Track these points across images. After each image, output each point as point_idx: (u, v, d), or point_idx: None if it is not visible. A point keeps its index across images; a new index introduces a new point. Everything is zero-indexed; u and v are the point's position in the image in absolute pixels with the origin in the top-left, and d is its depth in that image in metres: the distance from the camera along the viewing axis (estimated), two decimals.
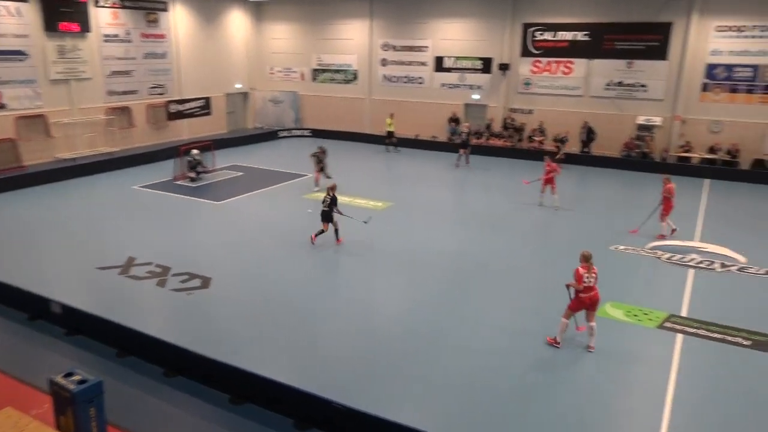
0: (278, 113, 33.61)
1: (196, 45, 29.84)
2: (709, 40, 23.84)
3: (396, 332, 10.09)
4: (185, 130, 29.34)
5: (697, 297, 11.66)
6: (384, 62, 31.20)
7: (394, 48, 30.76)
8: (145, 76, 27.41)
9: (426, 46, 29.86)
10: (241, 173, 22.59)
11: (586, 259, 9.42)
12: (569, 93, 26.93)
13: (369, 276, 12.65)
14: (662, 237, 15.17)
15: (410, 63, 30.53)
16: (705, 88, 24.32)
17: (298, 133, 32.26)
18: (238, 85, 32.95)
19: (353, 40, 31.65)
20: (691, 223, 16.70)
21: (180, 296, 11.33)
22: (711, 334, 10.09)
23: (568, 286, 9.53)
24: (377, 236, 15.09)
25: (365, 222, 14.80)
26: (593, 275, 9.33)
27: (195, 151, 21.37)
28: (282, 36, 33.50)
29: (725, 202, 19.48)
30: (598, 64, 26.05)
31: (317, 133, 31.87)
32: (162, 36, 27.94)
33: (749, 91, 23.62)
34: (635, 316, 10.76)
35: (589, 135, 25.91)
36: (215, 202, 18.35)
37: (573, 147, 25.85)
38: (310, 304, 11.11)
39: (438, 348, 9.53)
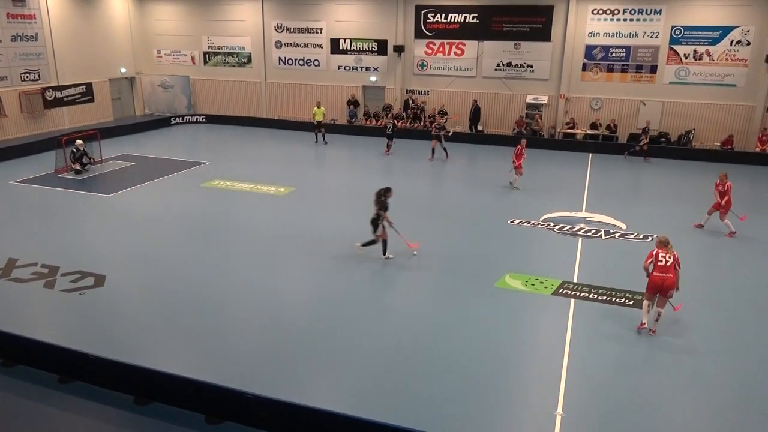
0: (169, 99, 32.04)
1: (71, 27, 27.63)
2: (586, 23, 25.44)
3: (302, 318, 10.04)
4: (66, 119, 27.28)
5: (586, 263, 12.54)
6: (279, 45, 30.55)
7: (289, 30, 30.18)
8: (15, 60, 25.07)
9: (321, 28, 29.55)
10: (131, 163, 21.36)
11: (663, 244, 9.54)
12: (462, 74, 27.77)
13: (271, 263, 12.45)
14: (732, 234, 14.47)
15: (305, 45, 30.11)
16: (585, 67, 25.99)
17: (192, 119, 30.96)
18: (122, 70, 31.01)
19: (245, 21, 30.68)
20: (578, 195, 17.88)
21: (72, 297, 10.60)
22: (599, 297, 10.92)
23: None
24: (278, 222, 14.90)
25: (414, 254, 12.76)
26: (671, 257, 9.34)
27: (79, 142, 19.92)
28: (168, 17, 31.81)
29: (607, 174, 21.00)
30: (488, 45, 27.03)
31: (213, 119, 30.76)
32: (31, 17, 25.61)
33: (624, 71, 25.51)
34: (532, 285, 11.40)
35: (475, 113, 26.94)
36: (105, 195, 17.25)
37: (460, 126, 26.88)
38: (212, 295, 10.78)
39: (347, 330, 9.61)
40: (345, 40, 29.32)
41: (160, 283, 11.31)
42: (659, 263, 9.47)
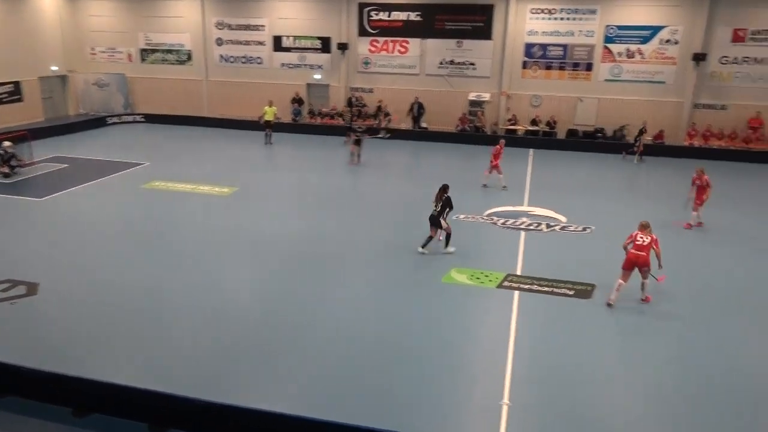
0: (105, 98, 30.85)
1: None
2: (525, 22, 26.05)
3: (247, 320, 9.89)
4: None
5: (529, 256, 12.87)
6: (220, 42, 29.93)
7: (230, 27, 29.61)
8: None
9: (263, 25, 29.13)
10: (65, 165, 20.47)
11: (643, 227, 10.59)
12: (406, 71, 27.94)
13: (213, 266, 12.18)
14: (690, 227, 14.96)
15: (248, 42, 29.62)
16: (525, 65, 26.63)
17: (130, 118, 29.96)
18: (54, 68, 29.63)
19: (184, 17, 29.90)
20: (520, 189, 18.32)
21: (2, 307, 10.07)
22: (542, 288, 11.22)
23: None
24: (221, 223, 14.62)
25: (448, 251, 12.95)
26: (649, 238, 10.41)
27: (7, 143, 18.94)
28: (102, 13, 30.64)
29: (547, 168, 21.60)
30: (431, 43, 27.30)
31: (152, 119, 29.85)
32: None
33: (561, 68, 26.28)
34: (477, 278, 11.61)
35: (419, 110, 27.23)
36: (36, 199, 16.47)
37: (404, 123, 27.16)
38: (152, 301, 10.47)
39: (294, 331, 9.53)
40: (288, 37, 29.01)
41: (96, 289, 10.89)
42: (637, 242, 10.49)
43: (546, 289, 11.22)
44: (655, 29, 24.93)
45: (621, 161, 23.38)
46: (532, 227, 14.82)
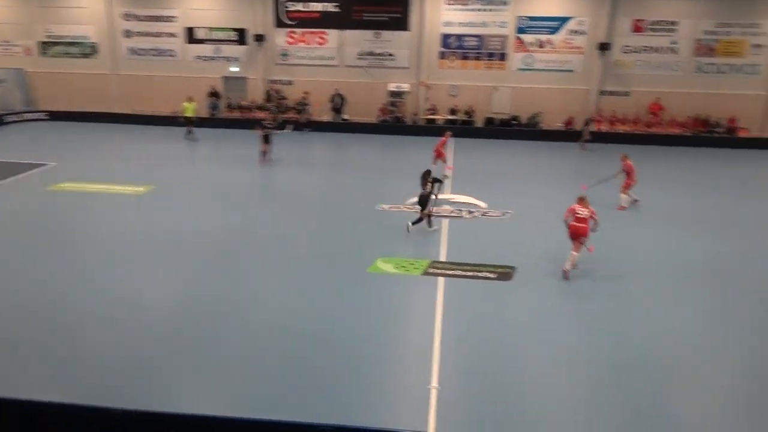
0: (1, 94, 28.70)
1: None
2: (441, 13, 26.50)
3: (166, 323, 9.55)
4: None
5: (452, 242, 13.18)
6: (128, 34, 28.56)
7: (138, 18, 28.31)
8: None
9: (174, 16, 28.05)
10: None
11: (582, 200, 11.36)
12: (325, 63, 27.77)
13: (127, 267, 11.68)
14: (623, 208, 15.72)
15: (158, 34, 28.45)
16: (442, 56, 27.10)
17: (32, 116, 28.07)
18: None
19: (87, 8, 28.30)
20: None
21: None
22: (465, 273, 11.52)
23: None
24: (136, 223, 14.04)
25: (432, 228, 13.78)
26: (587, 210, 11.18)
27: None
28: None
29: (467, 156, 22.14)
30: (350, 34, 27.25)
31: (57, 116, 28.12)
32: None
33: (477, 58, 26.95)
34: (403, 267, 11.76)
35: (340, 102, 27.20)
36: None
37: (327, 115, 27.10)
38: (61, 309, 9.88)
39: (218, 330, 9.30)
40: (202, 28, 28.09)
41: None
42: (577, 215, 11.28)
43: (469, 273, 11.53)
44: (563, 20, 26.04)
45: (536, 147, 24.31)
46: (454, 214, 15.17)
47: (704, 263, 12.40)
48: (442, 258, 12.29)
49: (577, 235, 11.33)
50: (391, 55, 27.32)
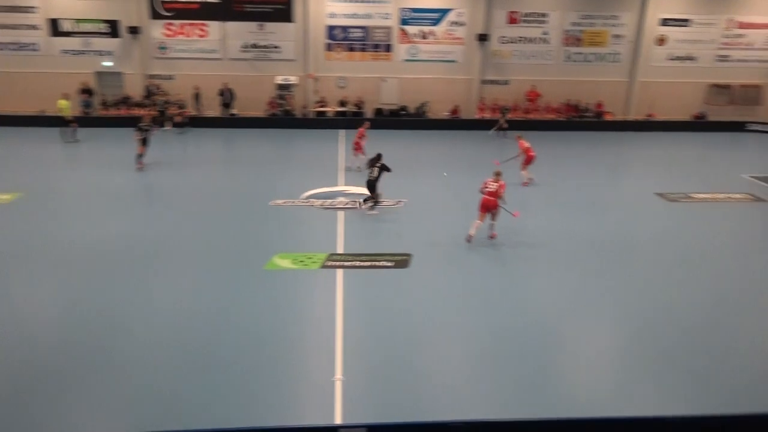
0: None
1: None
2: (326, 4, 26.40)
3: (48, 338, 8.87)
4: None
5: (349, 234, 13.27)
6: None
7: None
8: None
9: (34, 7, 25.74)
10: None
11: (495, 174, 12.52)
12: (208, 56, 26.77)
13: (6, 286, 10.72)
14: (526, 184, 17.26)
15: (17, 27, 25.97)
16: (329, 47, 27.03)
17: None
18: None
19: None
20: (334, 169, 18.71)
21: None
22: (363, 264, 11.66)
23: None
24: (3, 235, 12.85)
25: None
26: (497, 185, 12.30)
27: None
28: None
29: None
30: (232, 26, 26.44)
31: None
32: None
33: (363, 50, 27.17)
34: (301, 261, 11.69)
35: (229, 97, 26.40)
36: None
37: (212, 111, 26.22)
38: None
39: (108, 341, 8.77)
40: (68, 20, 26.00)
41: None
42: (488, 189, 12.42)
43: (367, 263, 11.67)
44: (444, 12, 26.87)
45: (425, 136, 24.97)
46: (349, 206, 15.27)
47: (588, 238, 13.40)
48: (340, 250, 12.34)
49: (485, 207, 12.45)
50: (276, 47, 26.85)
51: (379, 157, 14.78)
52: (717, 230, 14.32)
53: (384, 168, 14.60)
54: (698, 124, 28.09)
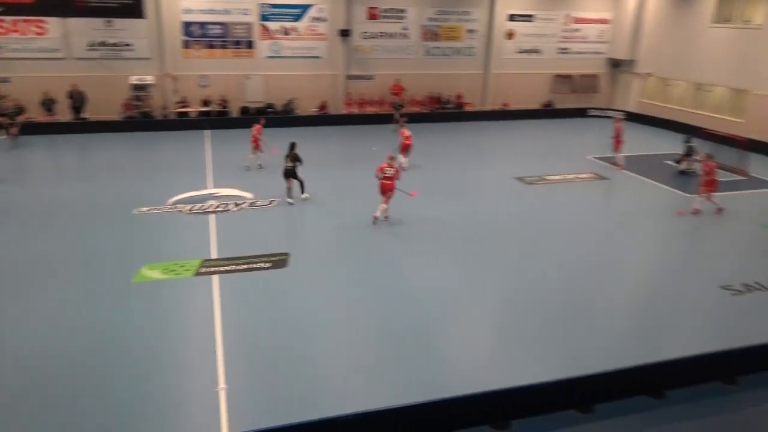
0: None
1: None
2: None
3: None
4: None
5: (222, 238, 12.84)
6: None
7: None
8: None
9: None
10: None
11: (390, 159, 13.70)
12: (49, 56, 24.42)
13: None
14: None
15: None
16: (186, 45, 25.79)
17: None
18: None
19: None
20: (202, 172, 17.98)
21: None
22: (240, 267, 11.36)
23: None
24: None
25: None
26: (393, 169, 13.44)
27: None
28: None
29: (226, 148, 21.57)
30: (75, 23, 24.30)
31: None
32: None
33: (224, 47, 26.25)
34: (173, 271, 11.13)
35: (79, 100, 24.33)
36: None
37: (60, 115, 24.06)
38: None
39: None
40: None
41: None
42: (386, 174, 13.43)
43: (244, 266, 11.40)
44: (305, 7, 26.70)
45: (293, 134, 24.69)
46: (220, 209, 14.77)
47: (458, 222, 14.07)
48: (214, 255, 11.93)
49: (384, 190, 13.49)
50: (128, 45, 25.11)
51: (293, 146, 15.24)
52: (570, 207, 15.69)
53: (297, 158, 15.14)
54: (547, 112, 30.48)
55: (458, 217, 14.52)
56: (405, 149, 18.77)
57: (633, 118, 28.94)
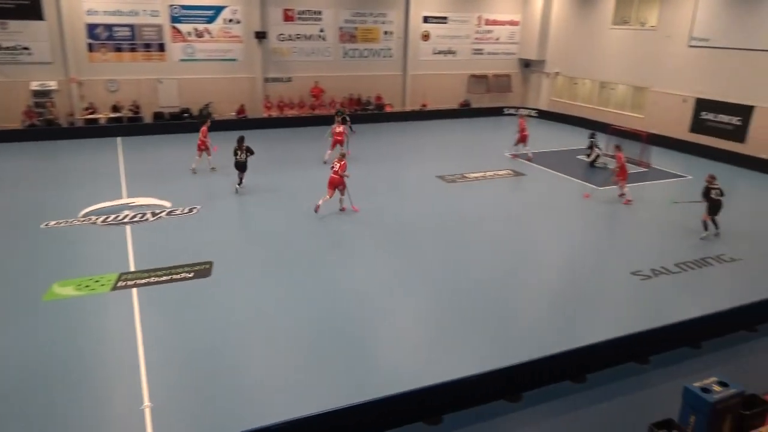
0: None
1: None
2: (82, 0, 23.81)
3: None
4: None
5: (140, 249, 12.30)
6: None
7: None
8: None
9: None
10: None
11: (341, 155, 14.91)
12: None
13: None
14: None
15: None
16: (91, 48, 24.49)
17: None
18: None
19: None
20: (115, 182, 17.13)
21: None
22: (160, 279, 10.92)
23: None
24: None
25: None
26: (339, 164, 14.38)
27: None
28: None
29: (140, 155, 20.67)
30: None
31: None
32: None
33: (133, 50, 25.13)
34: (87, 287, 10.54)
35: None
36: None
37: None
38: None
39: None
40: None
41: None
42: (333, 168, 14.35)
43: (165, 278, 10.97)
44: (218, 9, 26.02)
45: (213, 138, 24.02)
46: (136, 219, 14.14)
47: (385, 221, 14.16)
48: (132, 268, 11.40)
49: (332, 184, 14.32)
50: (26, 48, 23.52)
51: (242, 139, 16.13)
52: (490, 202, 16.19)
53: (249, 150, 16.10)
54: (464, 111, 31.25)
55: (383, 217, 14.64)
56: (333, 145, 19.64)
57: (545, 115, 30.31)
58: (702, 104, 23.25)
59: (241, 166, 16.16)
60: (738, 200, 17.33)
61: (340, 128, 19.97)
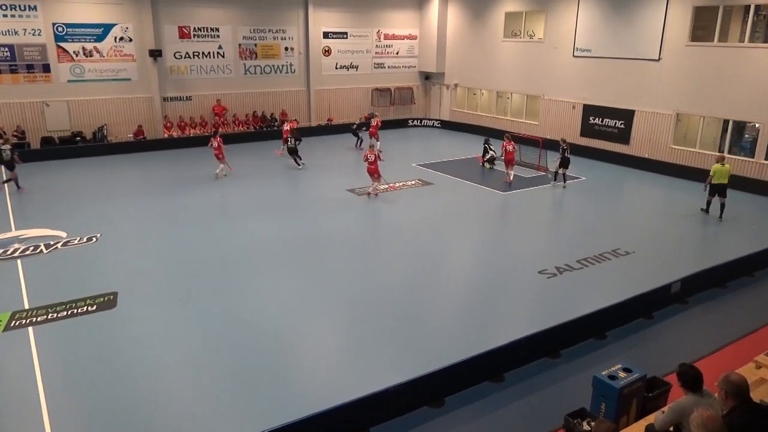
0: None
1: None
2: None
3: None
4: None
5: (34, 285, 11.41)
6: None
7: None
8: None
9: None
10: None
11: (370, 146, 18.11)
12: None
13: None
14: None
15: None
16: None
17: None
18: None
19: None
20: (2, 214, 15.83)
21: None
22: (59, 315, 10.18)
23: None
24: None
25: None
26: (373, 155, 17.61)
27: None
28: None
29: (28, 184, 19.18)
30: None
31: None
32: None
33: (14, 71, 23.41)
34: None
35: None
36: None
37: None
38: None
39: None
40: None
41: None
42: (368, 159, 17.53)
43: (64, 313, 10.24)
44: (107, 27, 24.81)
45: (108, 162, 22.82)
46: (28, 252, 13.12)
47: (296, 236, 13.99)
48: (26, 305, 10.55)
49: (369, 173, 17.58)
50: None
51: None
52: (401, 213, 16.44)
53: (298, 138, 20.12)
54: (369, 124, 31.66)
55: (294, 232, 14.49)
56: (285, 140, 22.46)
57: (447, 126, 31.29)
58: (589, 110, 24.93)
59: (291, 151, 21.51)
60: (626, 197, 18.70)
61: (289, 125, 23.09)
